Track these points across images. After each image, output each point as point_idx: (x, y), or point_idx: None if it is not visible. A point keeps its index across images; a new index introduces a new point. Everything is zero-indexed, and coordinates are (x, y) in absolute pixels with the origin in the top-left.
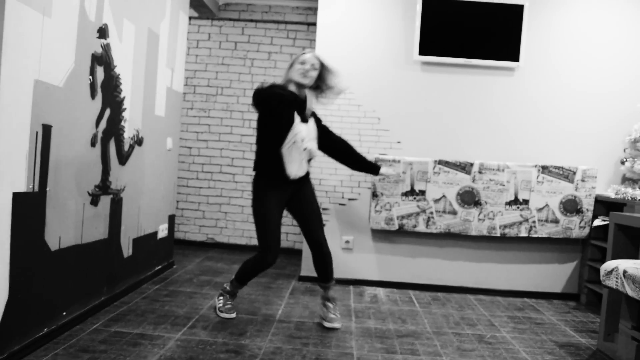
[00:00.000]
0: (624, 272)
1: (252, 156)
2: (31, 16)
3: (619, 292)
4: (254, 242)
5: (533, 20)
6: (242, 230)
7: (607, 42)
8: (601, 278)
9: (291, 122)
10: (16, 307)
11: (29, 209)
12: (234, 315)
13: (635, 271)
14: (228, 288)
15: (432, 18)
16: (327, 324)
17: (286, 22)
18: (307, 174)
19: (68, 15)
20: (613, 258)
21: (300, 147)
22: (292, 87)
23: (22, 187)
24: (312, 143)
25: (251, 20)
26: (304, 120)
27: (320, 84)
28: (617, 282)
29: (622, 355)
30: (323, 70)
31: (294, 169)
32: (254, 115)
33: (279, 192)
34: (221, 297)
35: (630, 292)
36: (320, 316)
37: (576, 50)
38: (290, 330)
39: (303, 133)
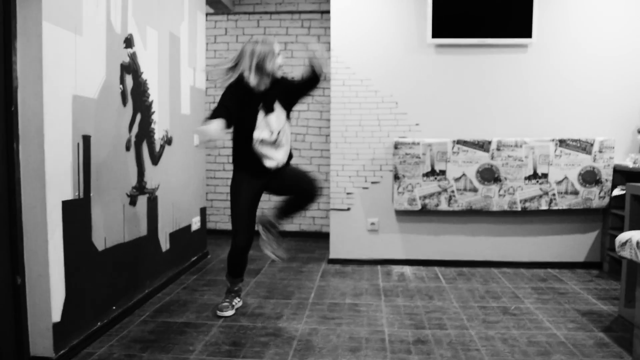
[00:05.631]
0: (637, 243)
1: None
2: (65, 36)
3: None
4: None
5: None
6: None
7: (619, 13)
8: (616, 249)
9: (253, 123)
10: (72, 304)
11: (77, 214)
12: (228, 313)
13: None
14: (229, 285)
15: (442, 0)
16: (269, 254)
17: (300, 12)
18: (286, 163)
19: (97, 31)
20: (631, 229)
21: (269, 142)
22: (254, 78)
23: (69, 196)
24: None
25: (265, 13)
26: (270, 109)
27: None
28: (631, 252)
29: (638, 321)
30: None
31: (269, 161)
32: None
33: (253, 181)
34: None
35: None
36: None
37: (589, 23)
38: (323, 311)
39: (264, 133)
